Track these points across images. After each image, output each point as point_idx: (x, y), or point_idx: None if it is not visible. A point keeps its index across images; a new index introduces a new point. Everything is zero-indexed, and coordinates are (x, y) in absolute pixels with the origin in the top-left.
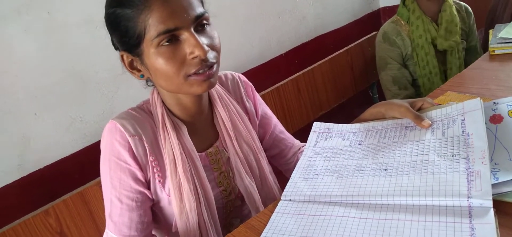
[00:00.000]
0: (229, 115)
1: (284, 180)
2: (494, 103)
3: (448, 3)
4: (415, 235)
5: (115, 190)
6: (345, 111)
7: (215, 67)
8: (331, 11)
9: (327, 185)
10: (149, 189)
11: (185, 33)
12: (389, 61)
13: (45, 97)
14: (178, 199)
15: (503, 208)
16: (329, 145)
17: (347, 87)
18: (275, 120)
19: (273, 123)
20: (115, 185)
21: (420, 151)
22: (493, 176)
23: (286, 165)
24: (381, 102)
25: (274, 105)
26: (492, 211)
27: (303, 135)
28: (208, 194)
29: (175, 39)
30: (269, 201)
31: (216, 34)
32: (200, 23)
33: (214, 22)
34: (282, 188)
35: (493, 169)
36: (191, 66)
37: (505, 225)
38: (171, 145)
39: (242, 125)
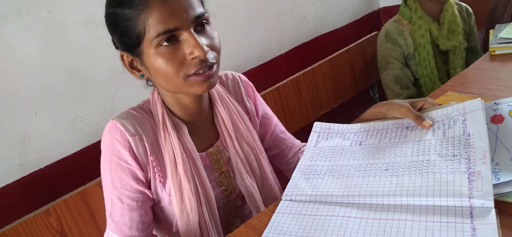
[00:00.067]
0: (230, 115)
1: (284, 180)
2: (495, 103)
3: (450, 3)
4: (416, 236)
5: (115, 190)
6: (345, 111)
7: (215, 67)
8: (331, 11)
9: (328, 185)
10: (149, 188)
11: (185, 34)
12: (391, 61)
13: (46, 97)
14: (178, 198)
15: (505, 208)
16: (329, 145)
17: (347, 87)
18: (275, 119)
19: (274, 123)
20: (115, 185)
21: (421, 151)
22: (494, 176)
23: (286, 164)
24: (382, 102)
25: (274, 105)
26: (493, 211)
27: (304, 135)
28: (208, 194)
29: (175, 39)
30: (270, 201)
31: (216, 34)
32: (200, 23)
33: (214, 22)
34: (282, 188)
35: (494, 169)
36: (190, 66)
37: (506, 226)
38: (171, 144)
39: (242, 125)
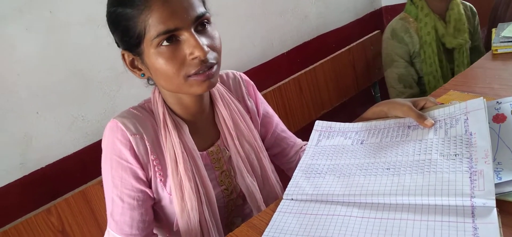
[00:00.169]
0: (231, 114)
1: (286, 179)
2: (497, 102)
3: (455, 2)
4: (417, 235)
5: (116, 189)
6: (347, 110)
7: (215, 67)
8: (333, 10)
9: (329, 184)
10: (150, 187)
11: (185, 34)
12: (396, 59)
13: (47, 96)
14: (179, 197)
15: (506, 208)
16: (331, 144)
17: (349, 86)
18: (276, 118)
19: (275, 122)
20: (116, 183)
21: (422, 150)
22: (496, 176)
23: (288, 163)
24: (384, 101)
25: (276, 104)
26: (495, 210)
27: (305, 133)
28: (209, 193)
29: (175, 39)
30: (271, 200)
31: (217, 34)
32: (200, 23)
33: (215, 21)
34: (284, 187)
35: (496, 168)
36: (191, 66)
37: (508, 225)
38: (172, 143)
39: (243, 124)
